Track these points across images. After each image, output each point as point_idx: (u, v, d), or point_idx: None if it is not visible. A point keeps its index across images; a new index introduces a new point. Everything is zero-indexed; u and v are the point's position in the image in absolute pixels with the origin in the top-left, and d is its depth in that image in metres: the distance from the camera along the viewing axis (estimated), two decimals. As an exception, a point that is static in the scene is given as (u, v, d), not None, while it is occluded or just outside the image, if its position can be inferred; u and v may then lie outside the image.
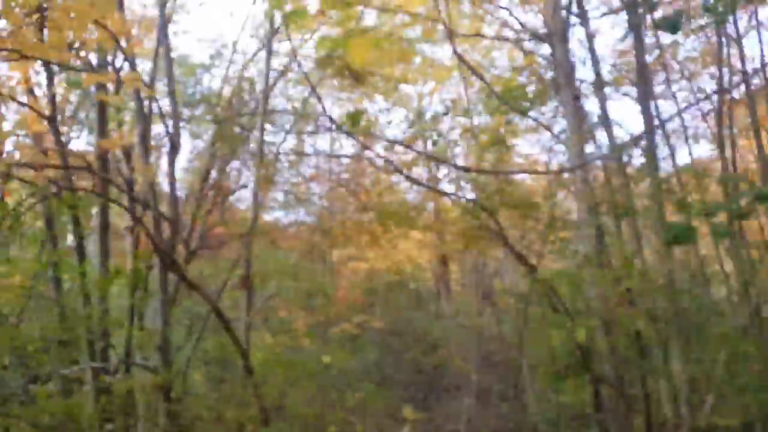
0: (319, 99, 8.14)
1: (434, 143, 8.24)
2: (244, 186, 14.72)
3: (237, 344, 8.41)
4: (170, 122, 9.11)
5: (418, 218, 7.59)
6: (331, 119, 6.92)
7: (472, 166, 10.58)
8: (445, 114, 14.95)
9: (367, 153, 11.10)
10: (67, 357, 9.33)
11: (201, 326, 10.04)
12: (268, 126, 15.91)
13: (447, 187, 20.24)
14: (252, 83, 11.94)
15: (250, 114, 14.00)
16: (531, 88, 14.13)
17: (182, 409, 8.42)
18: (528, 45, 14.63)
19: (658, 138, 9.68)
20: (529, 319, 9.43)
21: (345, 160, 17.78)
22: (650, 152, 9.36)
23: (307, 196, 15.93)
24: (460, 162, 13.78)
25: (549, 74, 14.22)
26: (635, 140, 10.51)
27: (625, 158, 8.67)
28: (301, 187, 15.86)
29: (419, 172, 19.34)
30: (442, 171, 17.85)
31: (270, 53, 11.97)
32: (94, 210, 10.32)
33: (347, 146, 18.81)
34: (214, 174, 14.39)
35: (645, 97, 9.91)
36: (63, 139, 9.59)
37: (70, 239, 12.54)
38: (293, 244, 15.55)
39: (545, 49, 14.79)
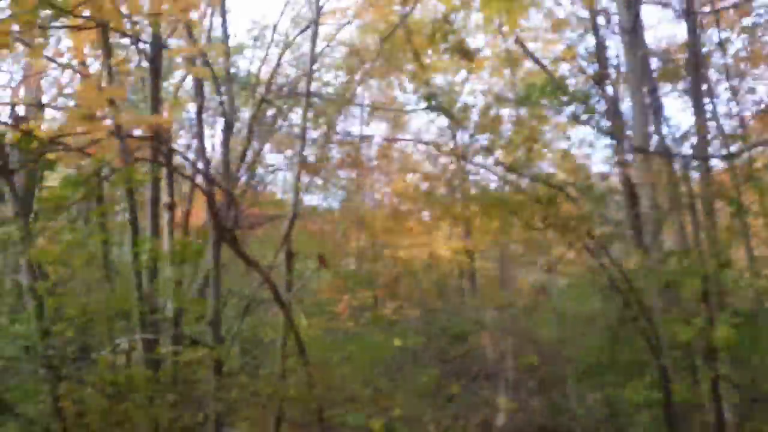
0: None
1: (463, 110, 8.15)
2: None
3: (290, 322, 8.45)
4: (225, 99, 9.13)
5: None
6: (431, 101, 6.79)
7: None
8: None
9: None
10: (117, 329, 9.43)
11: (246, 303, 10.08)
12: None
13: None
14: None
15: (289, 95, 14.07)
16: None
17: (234, 384, 8.46)
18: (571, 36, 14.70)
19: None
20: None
21: (374, 146, 17.88)
22: (703, 146, 9.39)
23: (338, 181, 15.96)
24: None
25: (591, 67, 14.30)
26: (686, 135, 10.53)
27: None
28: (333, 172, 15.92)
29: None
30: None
31: (316, 34, 11.93)
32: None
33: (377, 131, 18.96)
34: (249, 154, 14.41)
35: (697, 92, 9.92)
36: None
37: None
38: (326, 229, 15.61)
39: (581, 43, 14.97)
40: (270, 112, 14.84)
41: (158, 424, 7.90)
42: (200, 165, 9.00)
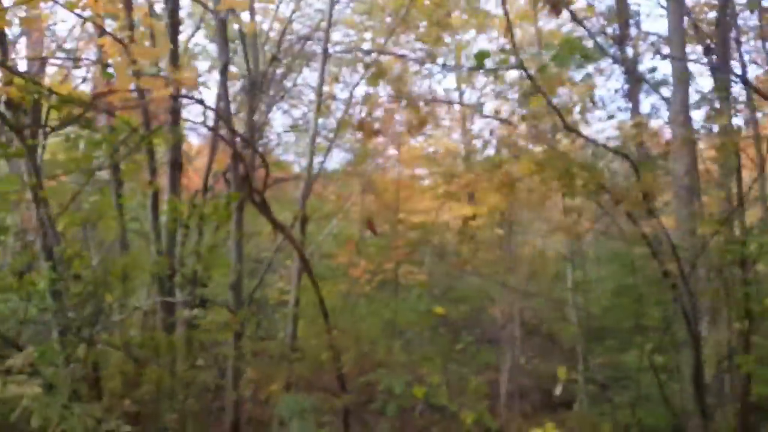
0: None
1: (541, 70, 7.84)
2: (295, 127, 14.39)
3: (316, 287, 8.35)
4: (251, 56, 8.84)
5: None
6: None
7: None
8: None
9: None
10: (131, 290, 9.27)
11: (264, 268, 9.97)
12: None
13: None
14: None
15: (301, 54, 13.73)
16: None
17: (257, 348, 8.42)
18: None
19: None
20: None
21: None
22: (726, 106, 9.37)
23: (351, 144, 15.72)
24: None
25: (610, 28, 14.08)
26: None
27: None
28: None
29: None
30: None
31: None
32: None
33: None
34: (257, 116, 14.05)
35: (725, 53, 9.84)
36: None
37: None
38: (332, 192, 15.46)
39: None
40: (278, 71, 14.48)
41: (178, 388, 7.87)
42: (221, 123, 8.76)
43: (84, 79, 12.83)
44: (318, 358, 8.90)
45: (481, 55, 6.50)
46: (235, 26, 14.93)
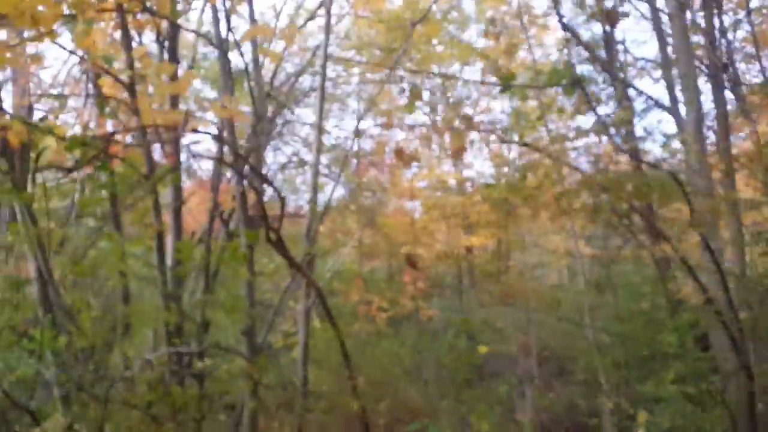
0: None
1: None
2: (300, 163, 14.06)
3: (335, 328, 7.89)
4: (255, 92, 8.53)
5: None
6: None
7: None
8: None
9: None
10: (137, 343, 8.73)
11: (273, 312, 9.49)
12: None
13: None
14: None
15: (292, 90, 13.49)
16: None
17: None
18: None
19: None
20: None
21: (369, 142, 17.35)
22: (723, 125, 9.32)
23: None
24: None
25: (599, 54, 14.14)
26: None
27: None
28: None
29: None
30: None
31: (329, 23, 11.29)
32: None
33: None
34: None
35: (716, 76, 9.81)
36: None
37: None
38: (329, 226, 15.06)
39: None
40: (270, 108, 14.21)
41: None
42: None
43: (74, 125, 12.47)
44: (336, 406, 8.40)
45: (507, 77, 6.28)
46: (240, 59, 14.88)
